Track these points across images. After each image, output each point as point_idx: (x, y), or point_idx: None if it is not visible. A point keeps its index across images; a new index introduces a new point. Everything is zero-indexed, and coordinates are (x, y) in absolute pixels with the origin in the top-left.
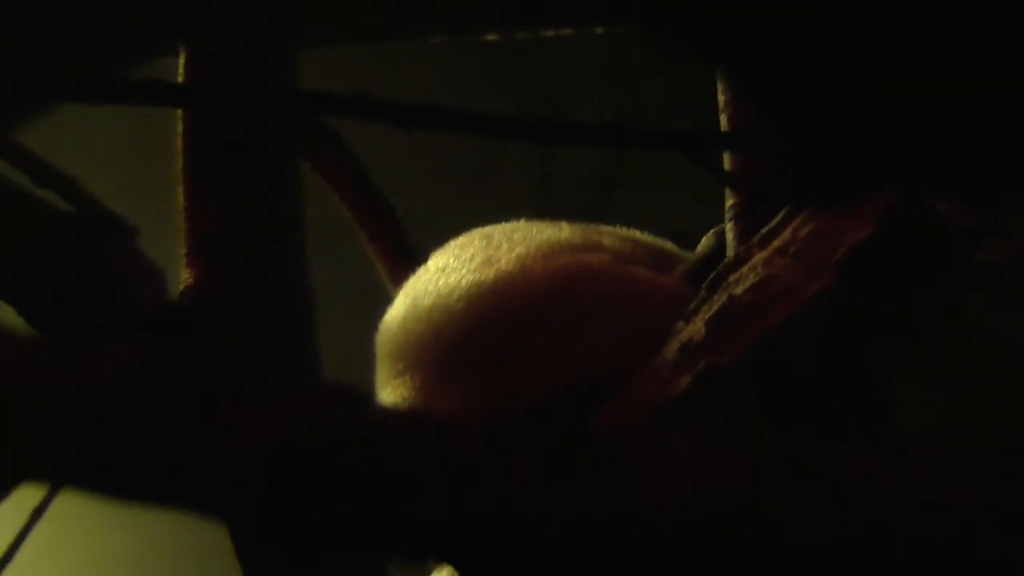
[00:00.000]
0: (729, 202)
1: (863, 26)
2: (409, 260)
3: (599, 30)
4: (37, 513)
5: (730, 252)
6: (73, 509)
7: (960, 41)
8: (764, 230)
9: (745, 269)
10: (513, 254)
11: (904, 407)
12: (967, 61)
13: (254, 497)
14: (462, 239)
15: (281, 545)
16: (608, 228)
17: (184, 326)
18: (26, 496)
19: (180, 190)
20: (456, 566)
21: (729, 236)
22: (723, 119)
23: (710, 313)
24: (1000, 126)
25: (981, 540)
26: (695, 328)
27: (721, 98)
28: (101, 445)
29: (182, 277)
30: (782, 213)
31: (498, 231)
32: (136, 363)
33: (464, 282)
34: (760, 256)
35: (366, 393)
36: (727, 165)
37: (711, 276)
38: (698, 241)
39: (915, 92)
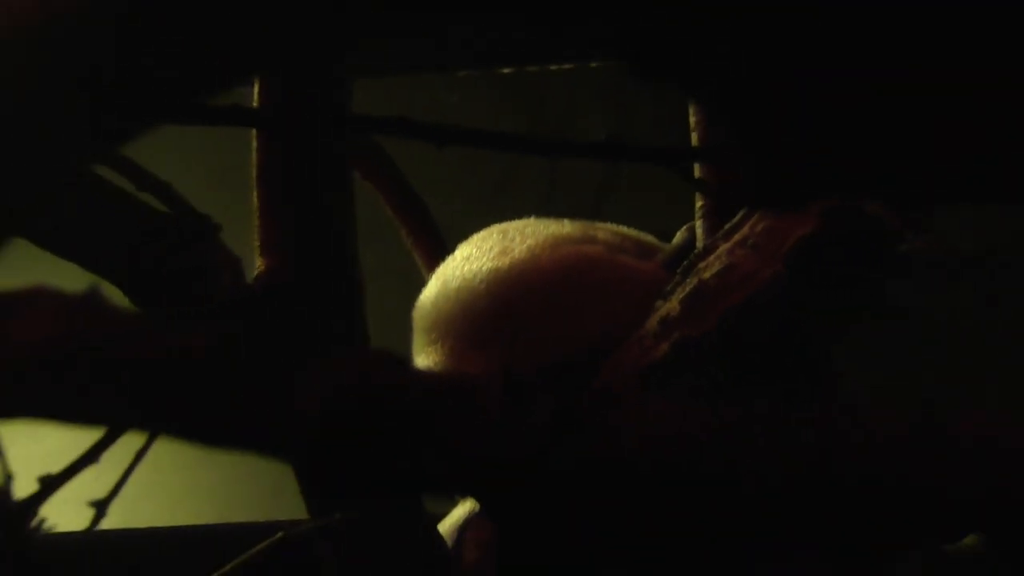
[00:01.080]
0: (699, 204)
1: (805, 74)
2: (440, 250)
3: (594, 64)
4: (139, 455)
5: (700, 244)
6: (168, 452)
7: (889, 75)
8: (727, 226)
9: (712, 258)
10: (525, 245)
11: (845, 373)
12: (893, 95)
13: (309, 445)
14: (483, 233)
15: (335, 482)
16: (602, 225)
17: (257, 304)
18: (131, 441)
19: (255, 194)
20: (478, 500)
21: (699, 231)
22: (694, 136)
23: (684, 294)
24: (922, 147)
25: (909, 478)
26: (671, 306)
27: (692, 119)
28: (191, 400)
29: (256, 265)
30: (741, 213)
31: (512, 227)
32: (218, 333)
33: (485, 268)
34: (724, 247)
35: (406, 358)
36: (697, 174)
37: (684, 264)
38: (674, 235)
39: (851, 119)
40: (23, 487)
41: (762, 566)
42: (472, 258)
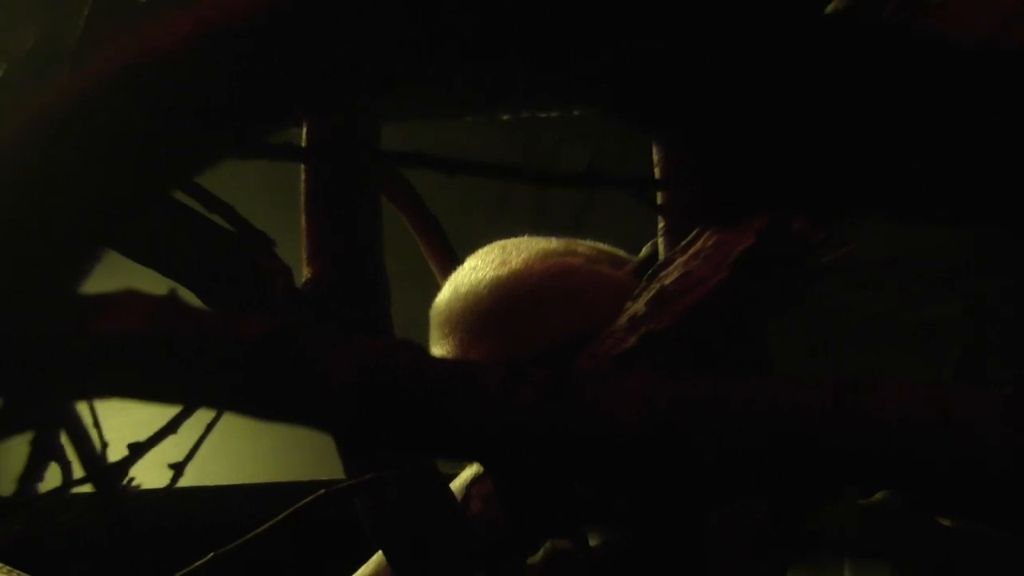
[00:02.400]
0: (661, 224)
1: (745, 126)
2: (451, 261)
3: (576, 112)
4: (210, 426)
5: (661, 257)
6: (233, 423)
7: (807, 125)
8: (683, 242)
9: (671, 268)
10: (520, 258)
11: (777, 353)
12: (812, 138)
13: (345, 416)
14: (486, 248)
15: (365, 448)
16: (582, 240)
17: (305, 303)
18: (203, 415)
19: (303, 215)
20: (483, 463)
21: (661, 246)
22: (657, 170)
23: (648, 296)
24: (835, 176)
25: (823, 438)
26: (639, 306)
27: (656, 156)
28: (248, 380)
29: (304, 273)
30: (695, 231)
31: (510, 243)
32: (271, 327)
33: (488, 276)
34: (681, 259)
35: (423, 346)
36: (660, 200)
37: (649, 272)
38: (641, 249)
39: (781, 158)
40: (115, 453)
41: (712, 508)
42: (477, 268)
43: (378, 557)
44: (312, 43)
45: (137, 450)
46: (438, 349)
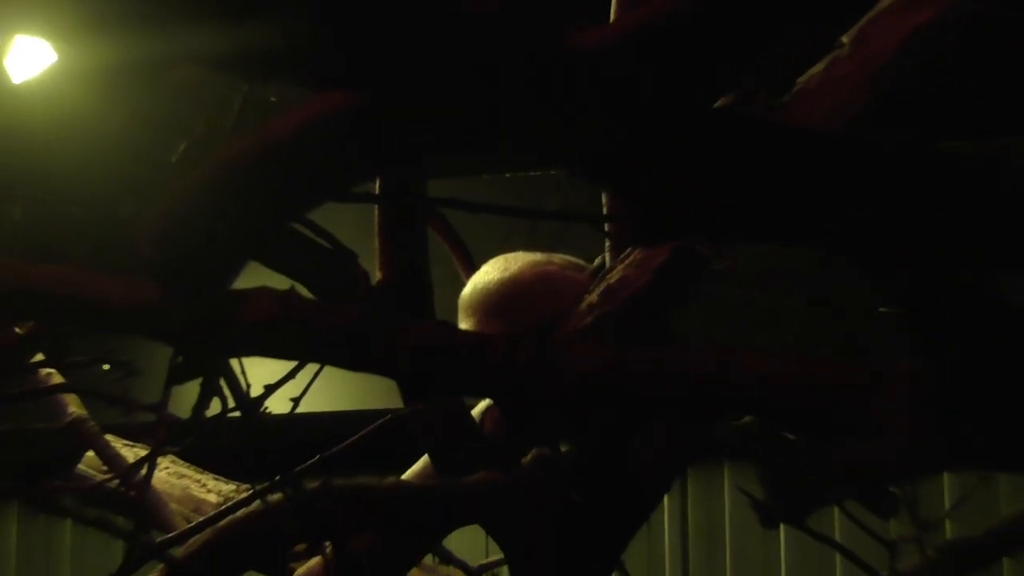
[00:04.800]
0: (608, 243)
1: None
2: (472, 268)
3: (552, 172)
4: (316, 373)
5: (608, 264)
6: (332, 370)
7: (707, 182)
8: (622, 256)
9: (615, 272)
10: (516, 266)
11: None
12: (707, 192)
13: (405, 369)
14: (494, 259)
15: (418, 389)
16: (558, 255)
17: (378, 298)
18: (313, 366)
19: (377, 238)
20: (493, 398)
21: (608, 258)
22: (605, 208)
23: (599, 290)
24: (721, 214)
25: (711, 382)
26: (592, 297)
27: (604, 200)
28: (339, 345)
29: (377, 277)
30: (630, 249)
31: (510, 256)
32: (359, 312)
33: (495, 278)
34: (620, 267)
35: (454, 325)
36: (607, 228)
37: (600, 275)
38: (595, 260)
39: (687, 204)
40: (255, 391)
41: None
42: (488, 272)
43: (424, 459)
44: (373, 130)
45: (270, 389)
46: (464, 326)
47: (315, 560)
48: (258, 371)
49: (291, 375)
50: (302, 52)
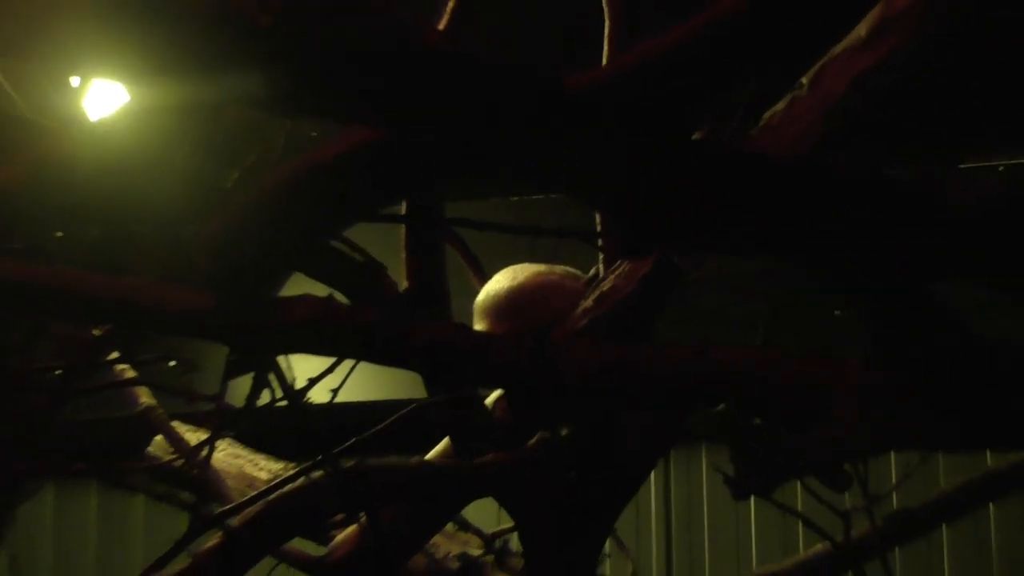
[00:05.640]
0: (600, 256)
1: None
2: (484, 278)
3: (553, 195)
4: (352, 368)
5: (601, 274)
6: (365, 365)
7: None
8: (613, 267)
9: (607, 280)
10: (522, 275)
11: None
12: (682, 212)
13: (426, 364)
14: (503, 270)
15: (438, 380)
16: (558, 266)
17: (404, 303)
18: (348, 362)
19: (403, 252)
20: (503, 389)
21: (600, 269)
22: (598, 226)
23: (593, 296)
24: (697, 232)
25: (693, 376)
26: (588, 303)
27: (598, 218)
28: (370, 343)
29: (403, 285)
30: (619, 261)
31: (516, 268)
32: (388, 314)
33: (504, 286)
34: (611, 277)
35: (469, 326)
36: (600, 243)
37: (594, 283)
38: (589, 271)
39: (664, 223)
40: (300, 383)
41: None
42: (498, 281)
43: (445, 442)
44: (392, 160)
45: (312, 382)
46: (477, 327)
47: (351, 528)
48: (302, 366)
49: (330, 369)
50: (325, 96)
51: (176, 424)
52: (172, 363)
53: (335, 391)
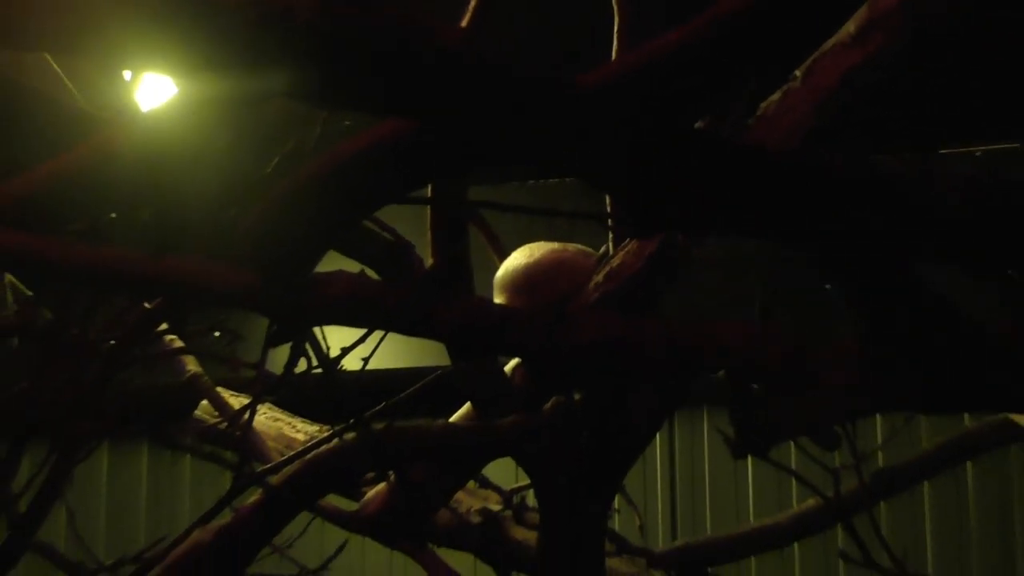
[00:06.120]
0: (610, 235)
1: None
2: (503, 255)
3: (568, 179)
4: (380, 340)
5: (611, 252)
6: (394, 336)
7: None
8: (622, 246)
9: (616, 257)
10: (539, 252)
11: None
12: (685, 197)
13: (451, 335)
14: (521, 248)
15: (462, 350)
16: (571, 245)
17: (430, 281)
18: (377, 334)
19: (429, 232)
20: (521, 357)
21: (610, 248)
22: (608, 208)
23: (604, 272)
24: (699, 215)
25: (692, 347)
26: (599, 278)
27: (608, 201)
28: (401, 316)
29: (429, 262)
30: (627, 240)
31: (532, 245)
32: (411, 289)
33: (522, 263)
34: (620, 254)
35: (490, 300)
36: (610, 224)
37: (605, 260)
38: (600, 248)
39: (668, 206)
40: (333, 351)
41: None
42: (516, 258)
43: (467, 406)
44: (419, 150)
45: (345, 351)
46: (497, 301)
47: (381, 486)
48: (335, 337)
49: (361, 340)
50: (353, 92)
51: (221, 390)
52: (217, 334)
53: (366, 360)
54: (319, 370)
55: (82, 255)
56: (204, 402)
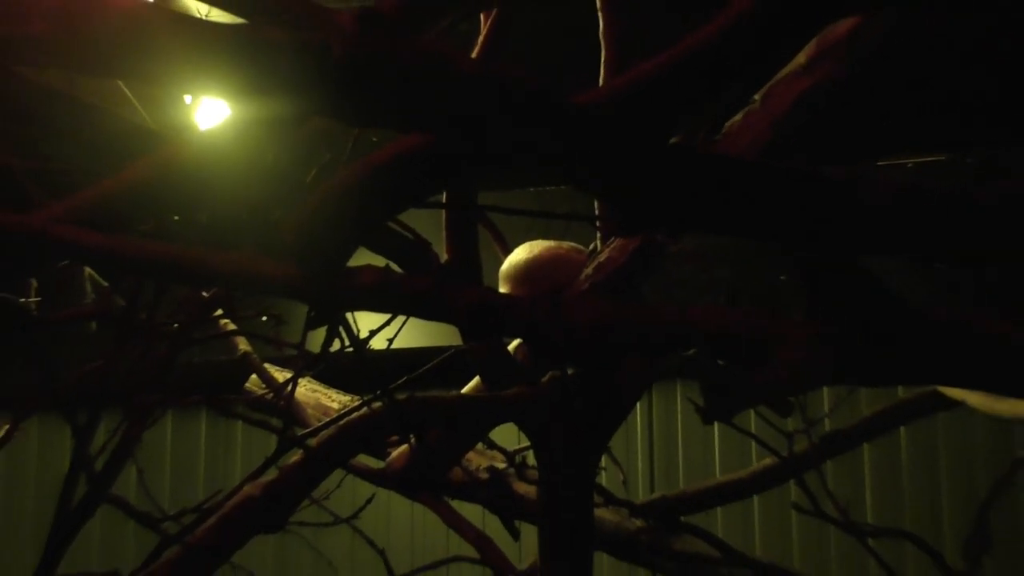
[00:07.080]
0: (598, 234)
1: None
2: (507, 251)
3: (562, 187)
4: (403, 323)
5: (599, 248)
6: (415, 321)
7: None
8: (608, 242)
9: (603, 252)
10: (538, 249)
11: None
12: (663, 202)
13: (462, 320)
14: (522, 245)
15: (472, 332)
16: (566, 242)
17: (445, 273)
18: (400, 318)
19: (444, 231)
20: (522, 338)
21: (599, 244)
22: (597, 210)
23: (593, 265)
24: (676, 215)
25: (679, 329)
26: (588, 271)
27: (596, 204)
28: (420, 304)
29: (444, 258)
30: (613, 238)
31: (533, 243)
32: (429, 280)
33: (523, 257)
34: (607, 250)
35: (496, 290)
36: (598, 224)
37: (594, 255)
38: (590, 246)
39: (648, 208)
40: (363, 333)
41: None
42: (518, 253)
43: (476, 379)
44: (436, 161)
45: (372, 333)
46: (502, 291)
47: (404, 447)
48: (365, 321)
49: (387, 323)
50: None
51: (268, 366)
52: (264, 318)
53: (391, 340)
54: (351, 349)
55: (150, 251)
56: (253, 376)
